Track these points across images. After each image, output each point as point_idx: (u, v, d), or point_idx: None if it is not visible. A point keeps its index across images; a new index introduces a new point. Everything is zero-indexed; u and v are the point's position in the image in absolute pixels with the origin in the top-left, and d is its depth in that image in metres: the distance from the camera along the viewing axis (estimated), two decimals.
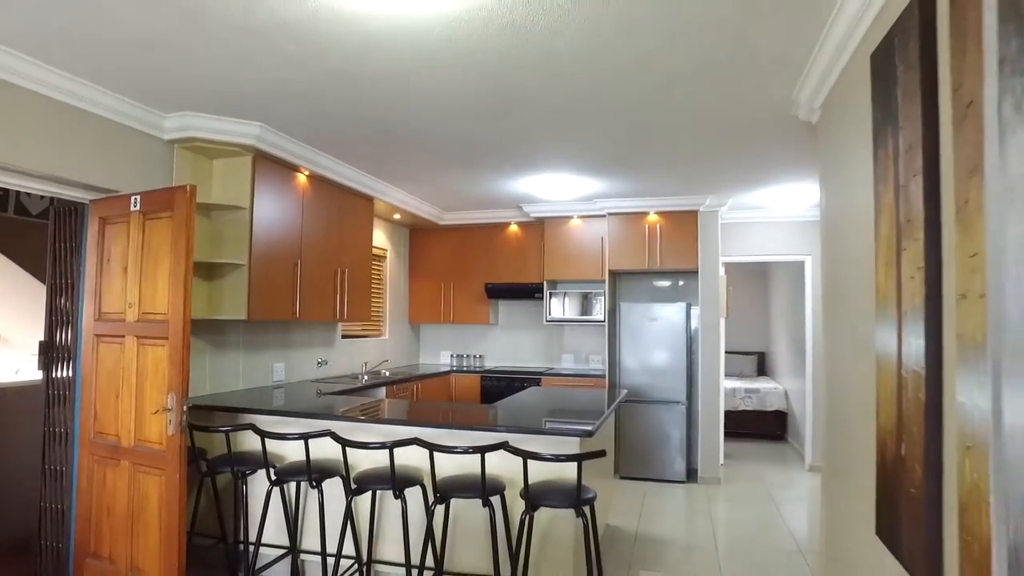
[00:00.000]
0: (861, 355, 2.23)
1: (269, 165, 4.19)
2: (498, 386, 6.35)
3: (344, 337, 5.76)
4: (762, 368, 9.20)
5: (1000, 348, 1.20)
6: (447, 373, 6.54)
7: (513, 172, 5.02)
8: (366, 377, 5.52)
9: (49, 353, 3.64)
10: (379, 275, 6.48)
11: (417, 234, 7.08)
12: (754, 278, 9.28)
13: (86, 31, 2.58)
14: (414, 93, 3.28)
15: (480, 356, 7.12)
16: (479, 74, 3.01)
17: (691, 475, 6.01)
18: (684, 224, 6.02)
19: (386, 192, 5.51)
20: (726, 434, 7.46)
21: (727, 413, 7.57)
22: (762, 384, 8.15)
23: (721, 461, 6.09)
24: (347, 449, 2.97)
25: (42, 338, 3.68)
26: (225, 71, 3.02)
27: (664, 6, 2.32)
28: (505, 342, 7.11)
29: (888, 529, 1.92)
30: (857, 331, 2.29)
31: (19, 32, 2.60)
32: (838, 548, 2.71)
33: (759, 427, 7.95)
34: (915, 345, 1.65)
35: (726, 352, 8.76)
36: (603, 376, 6.22)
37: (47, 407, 3.60)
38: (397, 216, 6.36)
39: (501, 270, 6.75)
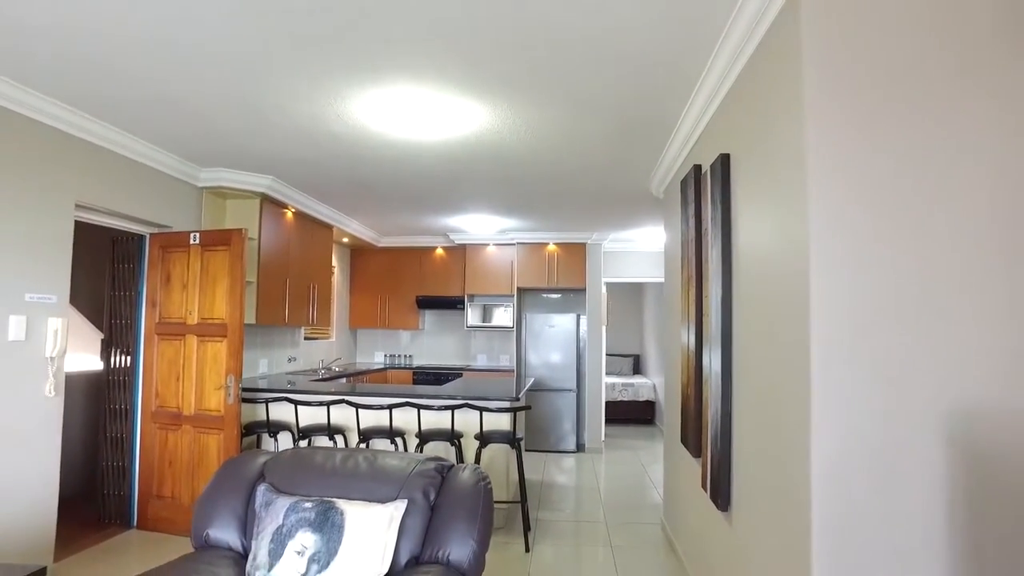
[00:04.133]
0: (677, 344, 3.97)
1: (270, 205, 5.49)
2: (427, 379, 7.82)
3: (305, 339, 7.05)
4: (637, 367, 11.17)
5: (710, 338, 2.92)
6: (385, 369, 7.95)
7: (447, 212, 6.56)
8: (323, 371, 6.83)
9: (109, 348, 4.79)
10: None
11: (358, 253, 8.44)
12: (631, 295, 11.26)
13: (162, 111, 3.90)
14: (404, 168, 4.77)
15: (410, 356, 8.58)
16: (451, 161, 4.55)
17: (580, 447, 7.76)
18: (575, 252, 7.79)
19: (344, 222, 6.89)
20: (608, 420, 9.32)
21: (609, 403, 9.43)
22: (636, 380, 10.09)
23: (603, 437, 7.86)
24: (359, 411, 4.41)
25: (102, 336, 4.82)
26: (264, 146, 4.35)
27: (565, 137, 3.98)
28: (431, 344, 8.60)
29: (684, 436, 3.64)
30: (675, 331, 4.04)
31: (108, 108, 3.86)
32: (668, 459, 4.46)
33: (634, 413, 9.86)
34: (692, 338, 3.37)
35: (609, 354, 10.70)
36: (511, 371, 7.86)
37: (108, 390, 4.75)
38: (345, 239, 7.72)
39: (429, 285, 8.24)
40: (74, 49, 2.81)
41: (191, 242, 4.56)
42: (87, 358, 5.37)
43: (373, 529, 2.08)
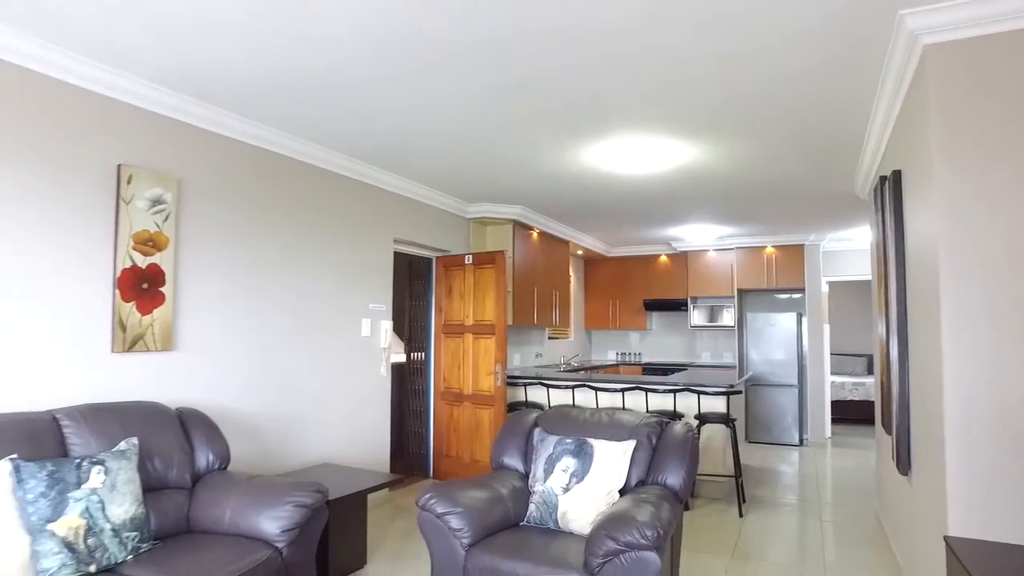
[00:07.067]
0: (875, 335, 4.41)
1: (520, 228, 6.79)
2: (655, 373, 8.61)
3: (549, 338, 8.31)
4: (871, 368, 10.86)
5: (893, 329, 3.45)
6: (617, 364, 8.96)
7: (667, 224, 7.37)
8: (564, 365, 8.01)
9: (409, 344, 6.39)
10: None
11: (591, 263, 9.57)
12: (861, 293, 10.98)
13: (448, 171, 5.25)
14: (627, 194, 5.74)
15: (638, 353, 9.49)
16: (665, 186, 5.41)
17: (802, 442, 8.04)
18: (793, 254, 8.11)
19: (579, 237, 8.04)
20: (838, 419, 9.36)
21: (838, 402, 9.44)
22: (867, 379, 9.90)
23: (827, 434, 8.05)
24: (597, 393, 5.44)
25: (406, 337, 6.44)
26: (516, 184, 5.57)
27: (763, 159, 4.63)
28: (657, 343, 9.43)
29: (883, 417, 4.10)
30: (874, 323, 4.47)
31: (415, 171, 5.31)
32: (878, 443, 4.84)
33: (864, 413, 9.70)
34: (881, 329, 3.87)
35: (840, 354, 10.59)
36: (733, 367, 8.39)
37: (409, 375, 6.35)
38: (579, 252, 8.87)
39: (655, 289, 9.09)
40: (401, 140, 4.22)
41: (465, 262, 5.96)
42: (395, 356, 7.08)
43: (613, 457, 3.06)
